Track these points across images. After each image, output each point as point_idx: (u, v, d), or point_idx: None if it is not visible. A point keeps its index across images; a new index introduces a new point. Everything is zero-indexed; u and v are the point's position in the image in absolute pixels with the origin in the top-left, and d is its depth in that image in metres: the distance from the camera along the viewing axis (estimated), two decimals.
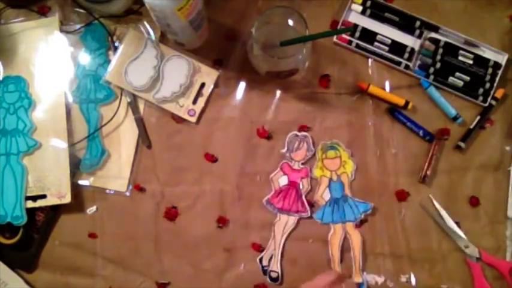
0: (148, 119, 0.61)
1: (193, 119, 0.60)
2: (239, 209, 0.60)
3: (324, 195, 0.59)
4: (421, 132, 0.59)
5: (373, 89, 0.60)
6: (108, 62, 0.61)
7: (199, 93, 0.61)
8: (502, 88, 0.60)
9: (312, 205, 0.59)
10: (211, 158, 0.60)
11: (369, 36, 0.61)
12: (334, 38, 0.61)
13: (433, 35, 0.62)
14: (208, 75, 0.61)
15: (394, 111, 0.60)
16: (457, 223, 0.58)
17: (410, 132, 0.60)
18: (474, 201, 0.59)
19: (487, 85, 0.60)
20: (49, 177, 0.58)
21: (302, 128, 0.61)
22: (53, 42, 0.61)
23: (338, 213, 0.59)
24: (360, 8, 0.62)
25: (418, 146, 0.60)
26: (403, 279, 0.58)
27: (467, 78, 0.60)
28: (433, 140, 0.60)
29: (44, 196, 0.58)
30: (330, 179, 0.60)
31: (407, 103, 0.60)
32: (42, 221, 0.59)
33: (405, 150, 0.60)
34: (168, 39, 0.61)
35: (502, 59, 0.61)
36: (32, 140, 0.59)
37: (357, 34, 0.61)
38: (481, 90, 0.60)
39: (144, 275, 0.59)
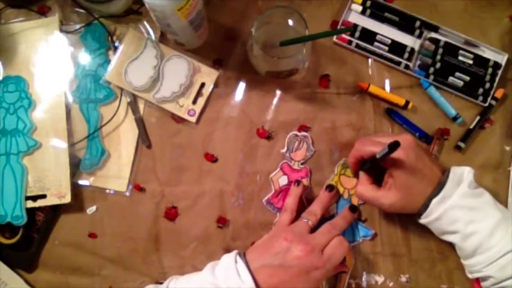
0: (148, 119, 0.61)
1: (193, 119, 0.60)
2: (239, 209, 0.60)
3: (330, 208, 0.59)
4: (417, 134, 0.59)
5: (373, 89, 0.60)
6: (108, 62, 0.61)
7: (199, 93, 0.61)
8: (502, 88, 0.60)
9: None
10: (211, 158, 0.60)
11: (368, 36, 0.61)
12: (334, 38, 0.61)
13: (433, 35, 0.62)
14: (208, 75, 0.61)
15: (391, 112, 0.60)
16: None
17: (410, 132, 0.60)
18: None
19: (487, 85, 0.60)
20: (49, 177, 0.58)
21: (302, 128, 0.61)
22: (53, 42, 0.61)
23: None
24: (360, 8, 0.62)
25: None
26: (403, 279, 0.58)
27: (467, 78, 0.60)
28: (431, 141, 0.60)
29: (44, 196, 0.58)
30: (341, 196, 0.60)
31: (407, 103, 0.60)
32: (42, 221, 0.59)
33: None
34: (168, 39, 0.61)
35: (502, 59, 0.61)
36: (32, 140, 0.59)
37: (357, 34, 0.61)
38: (481, 90, 0.60)
39: (144, 275, 0.59)
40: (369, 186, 0.54)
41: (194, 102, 0.60)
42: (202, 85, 0.61)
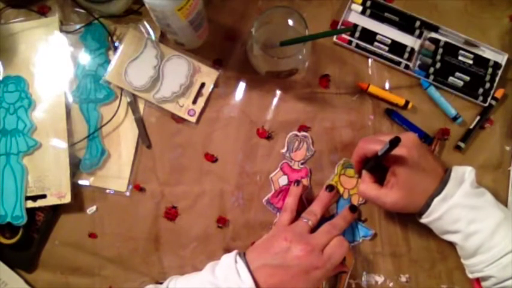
0: (148, 119, 0.61)
1: (193, 119, 0.60)
2: (239, 209, 0.60)
3: (330, 208, 0.59)
4: (417, 135, 0.59)
5: (373, 89, 0.60)
6: (108, 62, 0.61)
7: (199, 93, 0.61)
8: (502, 88, 0.60)
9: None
10: (211, 158, 0.60)
11: (368, 36, 0.61)
12: (334, 38, 0.61)
13: (433, 35, 0.62)
14: (208, 75, 0.61)
15: (391, 113, 0.60)
16: None
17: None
18: None
19: (487, 85, 0.60)
20: (49, 177, 0.58)
21: (302, 128, 0.61)
22: (53, 42, 0.61)
23: None
24: (360, 8, 0.62)
25: None
26: (403, 279, 0.58)
27: (467, 78, 0.60)
28: (431, 141, 0.60)
29: (44, 196, 0.58)
30: (341, 196, 0.60)
31: (407, 103, 0.60)
32: (42, 221, 0.59)
33: None
34: (168, 39, 0.61)
35: (502, 59, 0.61)
36: (32, 140, 0.59)
37: (357, 34, 0.61)
38: (481, 90, 0.60)
39: (144, 275, 0.59)
40: (371, 184, 0.54)
41: (194, 102, 0.60)
42: (202, 85, 0.61)
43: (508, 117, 0.61)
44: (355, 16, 0.62)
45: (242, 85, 0.61)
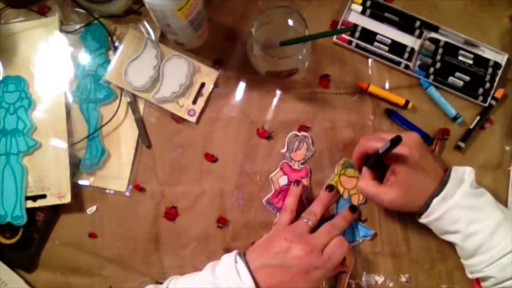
0: (148, 119, 0.61)
1: (193, 119, 0.60)
2: (239, 209, 0.60)
3: (330, 208, 0.59)
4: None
5: (373, 89, 0.60)
6: (108, 62, 0.61)
7: (199, 93, 0.61)
8: (502, 88, 0.60)
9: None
10: (211, 158, 0.60)
11: (368, 36, 0.61)
12: (334, 38, 0.61)
13: (433, 35, 0.62)
14: (208, 75, 0.61)
15: (391, 113, 0.60)
16: None
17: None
18: None
19: (487, 85, 0.60)
20: (49, 177, 0.58)
21: (302, 128, 0.61)
22: (53, 42, 0.61)
23: None
24: (360, 8, 0.62)
25: None
26: (403, 279, 0.58)
27: (467, 78, 0.60)
28: (431, 141, 0.60)
29: (44, 196, 0.58)
30: (341, 196, 0.60)
31: (407, 103, 0.60)
32: (42, 221, 0.59)
33: None
34: (168, 39, 0.61)
35: (502, 59, 0.61)
36: (32, 140, 0.59)
37: (357, 34, 0.61)
38: (481, 90, 0.60)
39: (144, 275, 0.59)
40: (370, 181, 0.54)
41: (194, 102, 0.60)
42: (202, 85, 0.61)
43: (508, 117, 0.61)
44: (355, 16, 0.62)
45: (242, 85, 0.61)
